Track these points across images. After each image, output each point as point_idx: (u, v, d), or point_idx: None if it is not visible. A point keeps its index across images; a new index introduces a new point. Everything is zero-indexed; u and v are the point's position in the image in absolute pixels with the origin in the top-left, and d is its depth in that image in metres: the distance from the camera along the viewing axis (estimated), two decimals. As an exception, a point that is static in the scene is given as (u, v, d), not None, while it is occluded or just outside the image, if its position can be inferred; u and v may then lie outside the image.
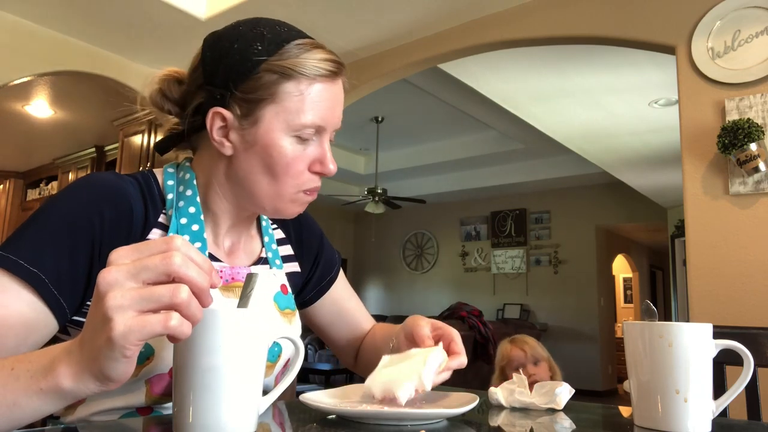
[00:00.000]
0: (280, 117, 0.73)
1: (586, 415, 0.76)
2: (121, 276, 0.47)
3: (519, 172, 7.34)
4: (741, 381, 0.64)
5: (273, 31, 0.75)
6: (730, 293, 2.27)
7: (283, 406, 0.75)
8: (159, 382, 0.70)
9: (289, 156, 0.75)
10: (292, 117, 0.73)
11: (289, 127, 0.74)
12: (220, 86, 0.73)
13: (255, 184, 0.77)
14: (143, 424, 0.64)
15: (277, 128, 0.73)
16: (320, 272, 0.99)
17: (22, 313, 0.63)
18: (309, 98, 0.74)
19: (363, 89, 3.70)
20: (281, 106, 0.73)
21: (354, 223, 10.08)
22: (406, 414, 0.63)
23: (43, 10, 3.20)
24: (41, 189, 6.69)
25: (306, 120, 0.74)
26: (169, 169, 0.82)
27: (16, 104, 4.98)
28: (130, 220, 0.73)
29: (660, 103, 4.51)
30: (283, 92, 0.73)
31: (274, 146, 0.74)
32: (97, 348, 0.47)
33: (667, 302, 9.51)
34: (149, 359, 0.69)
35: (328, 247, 1.02)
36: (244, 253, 0.86)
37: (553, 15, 2.89)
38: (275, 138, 0.74)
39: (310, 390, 0.71)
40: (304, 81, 0.73)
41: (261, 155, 0.74)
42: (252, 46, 0.73)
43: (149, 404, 0.71)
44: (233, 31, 0.76)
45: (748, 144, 2.16)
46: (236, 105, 0.73)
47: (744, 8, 2.34)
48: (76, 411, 0.71)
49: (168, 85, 0.80)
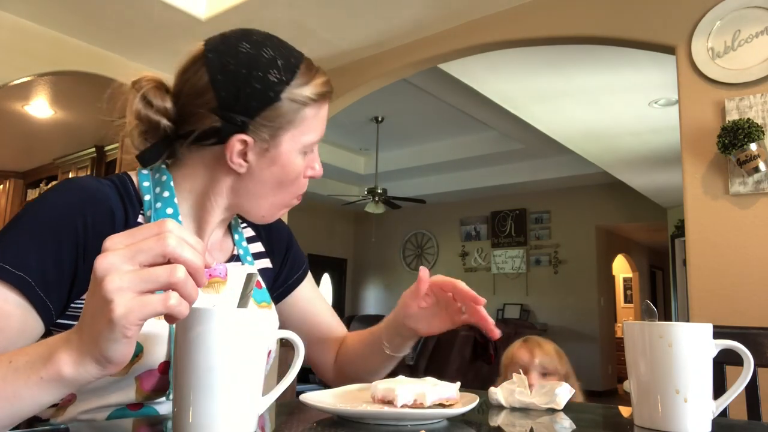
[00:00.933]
0: (296, 139, 0.80)
1: (586, 415, 0.76)
2: (118, 260, 0.47)
3: (519, 172, 7.35)
4: (741, 381, 0.64)
5: (280, 54, 0.78)
6: (730, 293, 2.27)
7: (284, 406, 0.75)
8: (149, 378, 0.71)
9: (299, 170, 0.82)
10: (305, 138, 0.80)
11: (303, 147, 0.81)
12: (241, 113, 0.76)
13: (263, 197, 0.82)
14: (133, 425, 0.64)
15: (293, 149, 0.80)
16: (288, 268, 1.00)
17: (9, 315, 0.63)
18: (317, 119, 0.81)
19: (363, 89, 3.70)
20: (298, 130, 0.79)
21: (354, 223, 10.08)
22: (406, 414, 0.63)
23: (43, 10, 3.20)
24: (41, 189, 6.68)
25: (314, 138, 0.82)
26: (143, 171, 0.82)
27: (16, 104, 4.97)
28: (111, 222, 0.74)
29: (660, 103, 4.51)
30: (300, 118, 0.79)
31: (290, 164, 0.80)
32: (97, 331, 0.48)
33: (667, 302, 9.51)
34: (138, 356, 0.69)
35: (297, 246, 1.04)
36: (218, 251, 0.88)
37: (553, 15, 2.89)
38: (292, 158, 0.80)
39: (310, 390, 0.71)
40: (314, 106, 0.80)
41: (276, 173, 0.80)
42: (269, 74, 0.76)
43: (140, 401, 0.71)
44: (239, 53, 0.76)
45: (748, 144, 2.16)
46: (257, 131, 0.77)
47: (744, 8, 2.34)
48: (66, 411, 0.71)
49: (155, 93, 0.79)
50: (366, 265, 9.86)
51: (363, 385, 0.76)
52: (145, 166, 0.81)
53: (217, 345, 0.51)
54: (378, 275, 9.68)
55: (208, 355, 0.51)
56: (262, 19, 3.16)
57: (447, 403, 0.65)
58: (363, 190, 7.49)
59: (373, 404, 0.66)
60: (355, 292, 9.95)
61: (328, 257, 9.48)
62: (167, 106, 0.78)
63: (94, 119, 5.23)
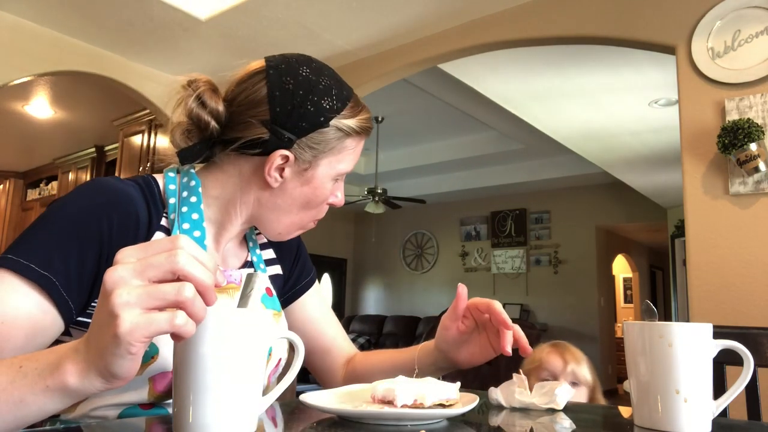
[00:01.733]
0: (332, 165, 0.84)
1: (586, 415, 0.76)
2: (127, 273, 0.47)
3: (519, 172, 7.35)
4: (741, 381, 0.64)
5: (335, 85, 0.83)
6: (730, 293, 2.27)
7: (284, 406, 0.75)
8: (162, 380, 0.71)
9: (326, 195, 0.86)
10: (341, 166, 0.84)
11: (336, 174, 0.85)
12: (290, 130, 0.79)
13: (286, 213, 0.85)
14: (145, 424, 0.64)
15: (327, 174, 0.84)
16: (297, 273, 1.01)
17: (32, 314, 0.65)
18: (354, 151, 0.86)
19: (363, 89, 3.70)
20: (336, 158, 0.83)
21: (354, 223, 10.08)
22: (406, 414, 0.63)
23: (43, 10, 3.20)
24: (41, 189, 6.69)
25: (347, 168, 0.86)
26: (170, 174, 0.83)
27: (16, 104, 4.98)
28: (136, 223, 0.74)
29: (660, 103, 4.51)
30: (341, 147, 0.83)
31: (321, 188, 0.84)
32: (103, 345, 0.48)
33: (667, 302, 9.51)
34: (153, 358, 0.70)
35: (306, 254, 1.05)
36: (234, 257, 0.90)
37: (553, 15, 2.89)
38: (324, 182, 0.84)
39: (310, 390, 0.71)
40: (356, 138, 0.84)
41: (306, 193, 0.84)
42: (324, 101, 0.80)
43: (152, 401, 0.72)
44: (299, 75, 0.80)
45: (748, 144, 2.16)
46: (300, 150, 0.80)
47: (744, 8, 2.34)
48: (77, 408, 0.71)
49: (210, 95, 0.81)
50: (366, 265, 9.86)
51: (363, 385, 0.76)
52: (183, 163, 0.83)
53: (218, 344, 0.51)
54: (378, 275, 9.68)
55: (209, 354, 0.51)
56: (262, 19, 3.16)
57: (447, 403, 0.65)
58: (363, 190, 7.48)
59: (373, 404, 0.66)
60: (354, 292, 9.95)
61: (328, 257, 9.48)
62: (220, 110, 0.80)
63: (94, 119, 5.23)
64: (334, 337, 1.02)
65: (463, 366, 0.86)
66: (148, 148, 4.60)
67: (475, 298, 0.82)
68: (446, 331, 0.84)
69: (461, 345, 0.84)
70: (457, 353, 0.85)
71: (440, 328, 0.85)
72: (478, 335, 0.84)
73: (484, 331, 0.83)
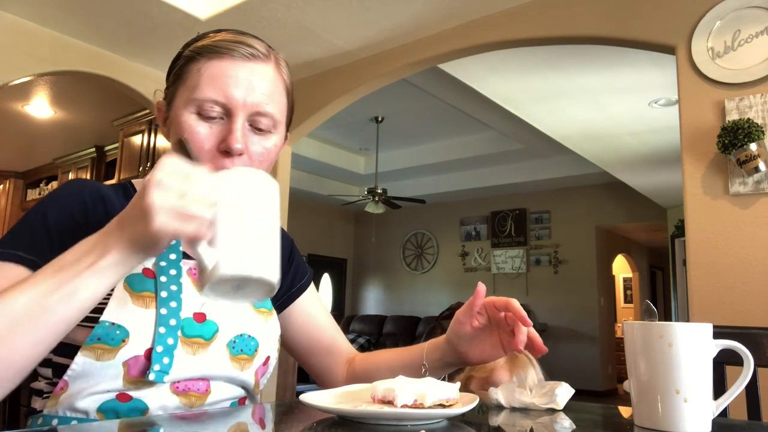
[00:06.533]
0: (183, 94, 0.78)
1: (586, 415, 0.76)
2: (171, 185, 0.58)
3: (519, 172, 7.35)
4: (741, 381, 0.64)
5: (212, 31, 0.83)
6: (730, 293, 2.27)
7: (284, 406, 0.75)
8: (135, 365, 0.71)
9: (188, 130, 0.76)
10: (194, 94, 0.76)
11: (187, 101, 0.77)
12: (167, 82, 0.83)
13: None
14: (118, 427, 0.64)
15: (181, 105, 0.78)
16: (291, 277, 0.99)
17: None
18: (206, 74, 0.77)
19: (363, 89, 3.70)
20: (184, 85, 0.79)
21: (354, 223, 10.08)
22: (406, 414, 0.63)
23: (43, 10, 3.20)
24: (41, 189, 6.68)
25: (203, 94, 0.76)
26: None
27: (16, 104, 4.97)
28: (104, 206, 0.79)
29: (660, 103, 4.51)
30: (187, 72, 0.79)
31: (177, 121, 0.78)
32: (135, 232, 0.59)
33: (667, 302, 9.51)
34: (125, 341, 0.70)
35: (300, 257, 1.04)
36: None
37: (553, 15, 2.89)
38: (179, 114, 0.78)
39: (310, 390, 0.71)
40: (201, 60, 0.78)
41: (173, 135, 0.80)
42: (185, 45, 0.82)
43: (126, 389, 0.72)
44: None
45: (748, 144, 2.16)
46: (167, 93, 0.82)
47: (744, 8, 2.34)
48: (59, 400, 0.71)
49: None
50: (366, 265, 9.86)
51: (363, 385, 0.76)
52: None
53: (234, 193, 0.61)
54: (378, 275, 9.68)
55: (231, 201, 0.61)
56: (262, 19, 3.16)
57: (447, 403, 0.65)
58: (363, 190, 7.49)
59: (373, 404, 0.66)
60: (354, 292, 9.95)
61: (328, 257, 9.48)
62: None
63: (94, 119, 5.23)
64: (334, 338, 1.01)
65: (471, 363, 0.86)
66: (148, 148, 4.59)
67: (493, 296, 0.82)
68: (460, 326, 0.83)
69: (473, 341, 0.84)
70: (468, 348, 0.84)
71: (454, 322, 0.84)
72: (490, 333, 0.83)
73: (496, 330, 0.83)
